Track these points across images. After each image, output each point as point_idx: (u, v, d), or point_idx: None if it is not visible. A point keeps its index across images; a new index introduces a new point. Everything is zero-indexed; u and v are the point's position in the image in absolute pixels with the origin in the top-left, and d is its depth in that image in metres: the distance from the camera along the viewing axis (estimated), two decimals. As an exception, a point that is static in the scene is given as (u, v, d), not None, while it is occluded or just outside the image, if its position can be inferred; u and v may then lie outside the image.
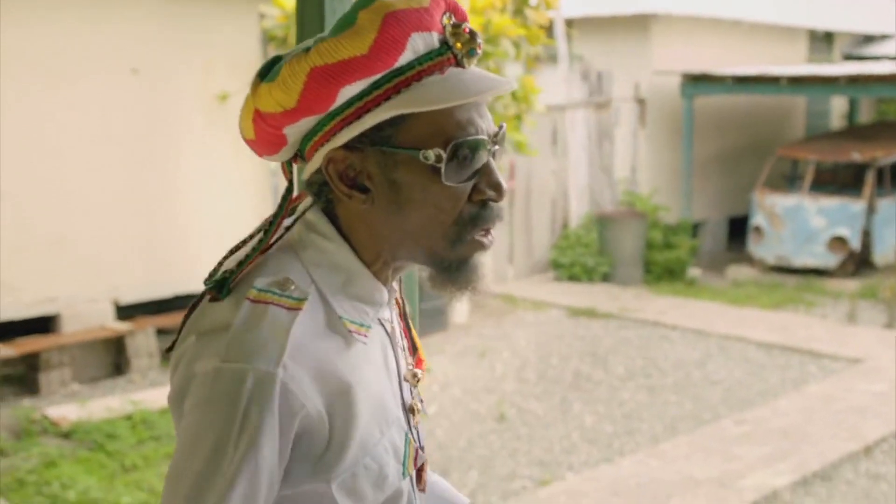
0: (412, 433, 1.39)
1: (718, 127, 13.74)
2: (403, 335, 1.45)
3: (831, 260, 11.76)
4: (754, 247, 12.31)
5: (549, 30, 10.91)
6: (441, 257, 1.29)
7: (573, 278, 11.66)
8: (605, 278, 11.70)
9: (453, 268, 1.29)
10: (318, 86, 1.22)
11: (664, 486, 5.83)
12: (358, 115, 1.24)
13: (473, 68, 1.27)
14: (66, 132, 7.80)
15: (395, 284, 1.40)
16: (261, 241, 1.31)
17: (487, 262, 1.39)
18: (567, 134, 12.00)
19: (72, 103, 7.82)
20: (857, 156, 11.95)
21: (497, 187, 1.28)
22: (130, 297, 8.24)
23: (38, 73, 7.58)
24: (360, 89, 1.23)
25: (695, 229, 13.05)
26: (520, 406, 7.34)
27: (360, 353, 1.28)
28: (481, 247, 1.29)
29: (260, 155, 1.39)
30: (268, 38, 8.82)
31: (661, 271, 11.79)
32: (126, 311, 8.27)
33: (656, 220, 12.16)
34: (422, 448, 1.42)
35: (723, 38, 13.75)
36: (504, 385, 7.86)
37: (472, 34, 1.26)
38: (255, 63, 8.84)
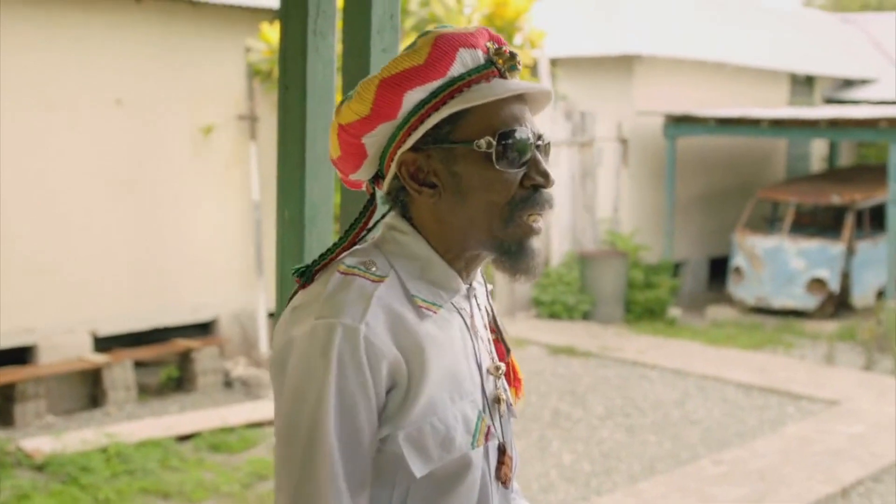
0: (490, 417, 1.51)
1: (700, 168, 13.83)
2: (490, 333, 1.61)
3: (810, 301, 11.81)
4: (734, 287, 12.36)
5: (533, 69, 11.00)
6: (499, 239, 1.46)
7: (554, 316, 11.67)
8: (586, 316, 11.72)
9: (511, 249, 1.47)
10: (387, 93, 1.44)
11: (641, 526, 5.81)
12: (421, 120, 1.45)
13: (515, 79, 1.49)
14: (49, 162, 7.79)
15: (478, 285, 1.60)
16: (342, 238, 1.52)
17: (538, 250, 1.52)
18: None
19: (55, 133, 7.81)
20: (836, 198, 12.04)
21: (545, 175, 1.46)
22: (109, 328, 8.19)
23: (21, 101, 7.58)
24: (422, 97, 1.45)
25: (676, 269, 13.09)
26: (498, 444, 7.30)
27: (433, 326, 1.44)
28: (531, 230, 1.47)
29: (346, 175, 1.57)
30: (253, 71, 8.87)
31: (642, 310, 11.82)
32: (104, 343, 8.22)
33: (637, 260, 12.20)
34: (506, 445, 1.53)
35: (705, 79, 13.87)
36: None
37: (512, 55, 1.48)
38: (241, 97, 8.88)
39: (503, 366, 1.58)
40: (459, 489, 1.45)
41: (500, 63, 1.47)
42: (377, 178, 1.54)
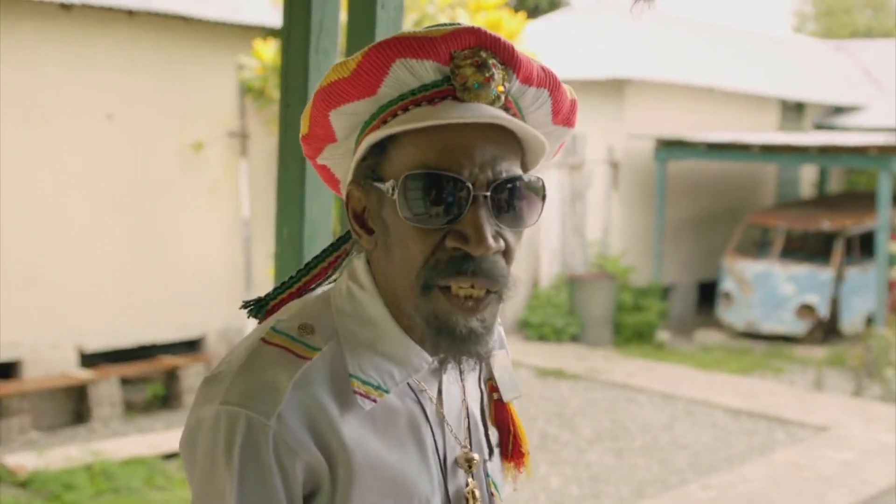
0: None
1: (690, 192, 13.86)
2: (469, 416, 1.30)
3: (799, 327, 11.81)
4: (723, 312, 12.36)
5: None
6: (420, 310, 1.15)
7: (543, 338, 11.65)
8: (575, 339, 11.70)
9: (435, 327, 1.14)
10: (315, 111, 1.20)
11: (630, 551, 5.78)
12: (357, 147, 1.19)
13: (475, 103, 1.14)
14: (39, 176, 7.75)
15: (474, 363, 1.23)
16: (306, 268, 1.29)
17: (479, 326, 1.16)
18: (540, 194, 12.03)
19: (45, 147, 7.78)
20: (826, 224, 12.07)
21: (476, 238, 1.11)
22: (95, 344, 8.13)
23: (12, 115, 7.54)
24: (354, 118, 1.18)
25: (665, 292, 13.09)
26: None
27: (369, 420, 1.17)
28: (456, 305, 1.13)
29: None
30: (245, 88, 8.85)
31: (631, 333, 11.81)
32: (90, 359, 8.16)
33: (627, 283, 12.20)
34: None
35: (696, 104, 13.92)
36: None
37: (485, 67, 1.13)
38: (232, 114, 8.85)
39: (476, 457, 1.27)
40: None
41: (459, 80, 1.13)
42: None
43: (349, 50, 2.04)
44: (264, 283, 8.75)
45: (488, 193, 1.12)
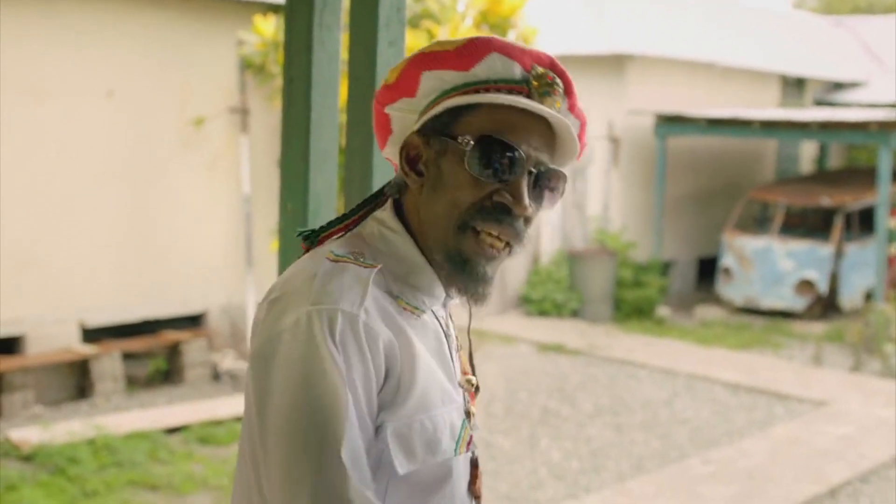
0: (469, 423, 1.46)
1: (690, 168, 13.85)
2: (460, 346, 1.55)
3: (799, 302, 11.84)
4: (723, 287, 12.39)
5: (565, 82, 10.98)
6: (448, 246, 1.39)
7: (543, 314, 11.68)
8: (575, 314, 11.73)
9: (458, 263, 1.40)
10: (411, 68, 1.44)
11: (630, 524, 5.82)
12: (433, 106, 1.42)
13: (541, 105, 1.39)
14: (40, 153, 7.75)
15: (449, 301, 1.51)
16: (345, 215, 1.50)
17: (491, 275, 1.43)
18: (541, 170, 12.03)
19: (46, 124, 7.78)
20: (826, 200, 12.07)
21: (517, 197, 1.38)
22: (98, 319, 8.16)
23: (12, 92, 7.53)
24: (441, 83, 1.42)
25: (665, 268, 13.11)
26: (487, 441, 7.32)
27: (416, 328, 1.39)
28: (483, 250, 1.39)
29: (381, 148, 1.56)
30: (245, 64, 8.83)
31: (631, 309, 11.84)
32: (92, 334, 8.19)
33: (627, 259, 12.22)
34: (475, 460, 1.50)
35: (697, 80, 13.89)
36: (472, 419, 7.82)
37: (554, 82, 1.41)
38: (232, 89, 8.85)
39: (475, 379, 1.52)
40: (437, 498, 1.39)
41: (534, 85, 1.40)
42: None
43: (352, 26, 2.05)
44: (265, 259, 8.77)
45: (534, 171, 1.41)
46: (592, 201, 12.78)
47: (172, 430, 7.05)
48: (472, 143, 1.37)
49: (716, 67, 13.82)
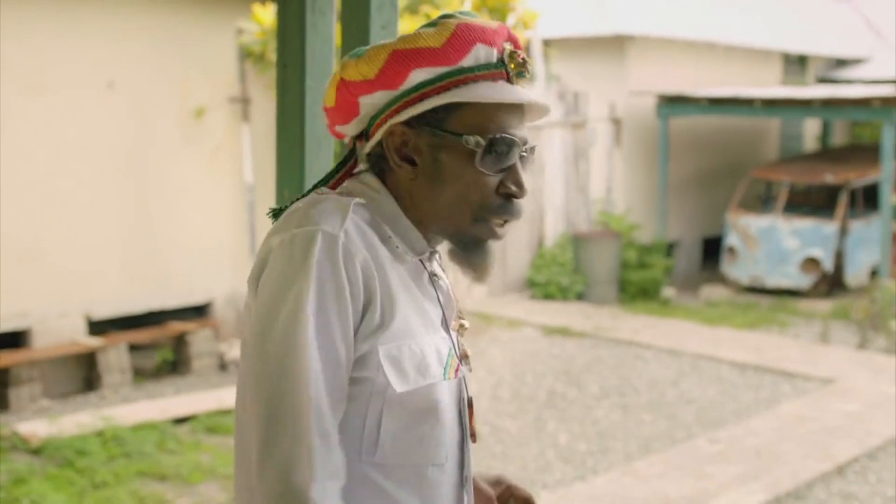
0: (458, 356, 1.55)
1: (693, 148, 13.82)
2: (454, 299, 1.63)
3: (804, 281, 11.83)
4: (728, 267, 12.37)
5: (526, 50, 10.95)
6: (462, 233, 1.50)
7: (548, 297, 11.68)
8: (580, 297, 11.73)
9: (470, 245, 1.50)
10: (395, 64, 1.46)
11: (638, 504, 5.83)
12: (421, 99, 1.47)
13: (517, 86, 1.51)
14: (42, 145, 7.75)
15: (437, 266, 1.61)
16: (321, 182, 1.57)
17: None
18: (543, 153, 12.03)
19: (47, 116, 7.78)
20: (830, 178, 12.05)
21: (520, 185, 1.49)
22: (103, 311, 8.17)
23: (12, 83, 7.53)
24: (428, 77, 1.46)
25: (669, 249, 13.10)
26: (494, 424, 7.33)
27: (398, 263, 1.47)
28: (495, 234, 1.50)
29: (332, 125, 1.60)
30: (245, 53, 8.82)
31: (636, 291, 11.83)
32: (98, 327, 8.21)
33: (631, 240, 12.21)
34: (470, 399, 1.57)
35: (698, 59, 13.85)
36: (478, 403, 7.84)
37: (524, 61, 1.51)
38: (232, 78, 8.84)
39: (467, 323, 1.62)
40: (432, 426, 1.46)
41: (511, 67, 1.49)
42: (361, 136, 1.56)
43: (345, 10, 2.04)
44: (269, 248, 8.76)
45: (524, 152, 1.51)
46: (595, 183, 12.76)
47: (180, 421, 7.07)
48: (482, 144, 1.45)
49: (717, 46, 13.77)
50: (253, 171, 8.91)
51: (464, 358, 1.57)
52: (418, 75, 1.46)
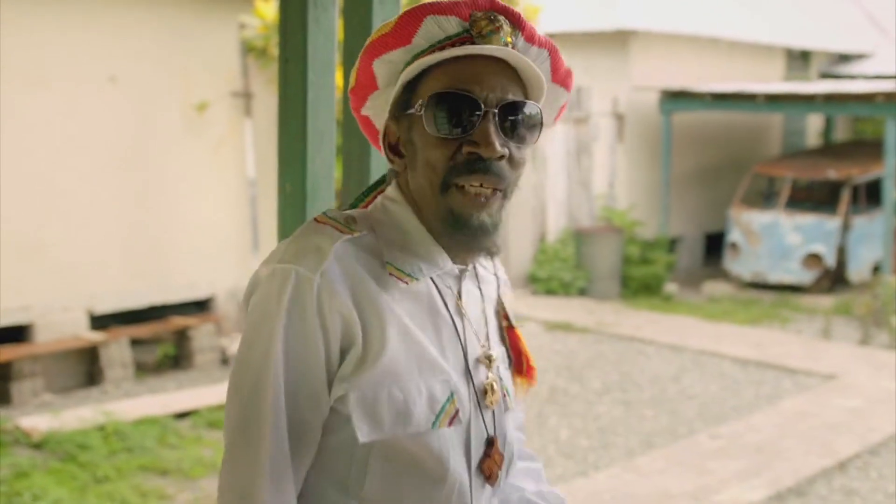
0: (478, 407, 1.44)
1: (696, 143, 13.80)
2: (503, 320, 1.56)
3: (806, 276, 11.82)
4: (730, 263, 12.36)
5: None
6: (440, 211, 1.39)
7: (550, 292, 11.67)
8: (582, 293, 11.72)
9: (452, 222, 1.39)
10: (362, 63, 1.45)
11: (639, 500, 5.83)
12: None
13: (488, 45, 1.37)
14: (44, 140, 7.75)
15: (483, 271, 1.54)
16: (352, 205, 1.54)
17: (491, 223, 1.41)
18: (546, 148, 12.02)
19: (49, 111, 7.77)
20: (832, 173, 12.03)
21: (486, 142, 1.35)
22: (105, 306, 8.17)
23: (13, 78, 7.52)
24: (393, 66, 1.42)
25: (672, 245, 13.09)
26: (496, 419, 7.32)
27: (400, 296, 1.39)
28: (470, 200, 1.37)
29: (377, 145, 1.54)
30: (247, 48, 8.81)
31: (638, 286, 11.82)
32: (100, 321, 8.21)
33: (633, 236, 12.20)
34: (496, 438, 1.46)
35: (701, 55, 13.83)
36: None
37: (496, 21, 1.38)
38: (235, 73, 8.83)
39: (495, 355, 1.49)
40: (422, 475, 1.38)
41: (476, 29, 1.38)
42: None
43: (347, 5, 2.04)
44: (271, 242, 8.76)
45: (496, 111, 1.37)
46: (598, 178, 12.75)
47: (182, 415, 7.07)
48: (423, 105, 1.37)
49: (720, 42, 13.75)
50: (255, 165, 8.90)
51: (484, 394, 1.45)
52: (380, 66, 1.43)
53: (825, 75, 16.55)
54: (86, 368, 7.96)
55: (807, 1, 17.52)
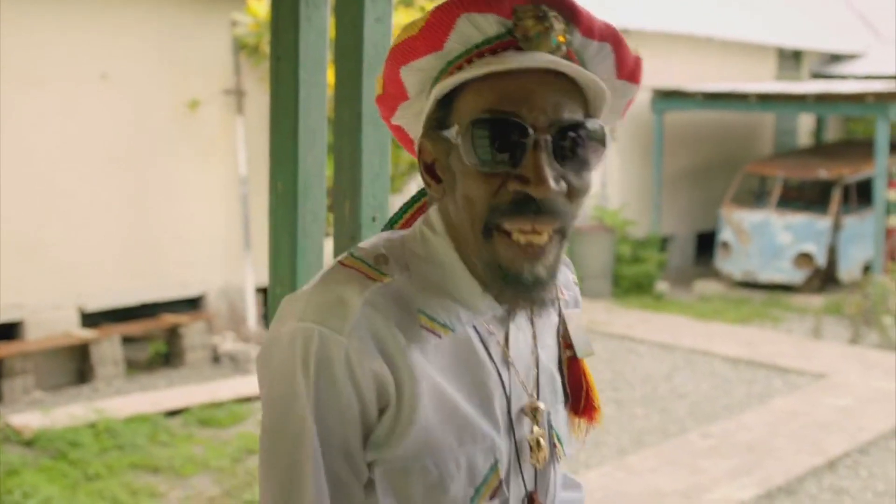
0: (518, 466, 1.26)
1: (688, 142, 13.82)
2: (539, 366, 1.32)
3: (797, 276, 11.85)
4: (721, 262, 12.39)
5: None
6: (482, 257, 1.18)
7: (542, 291, 11.67)
8: (574, 291, 11.71)
9: (496, 272, 1.17)
10: (388, 70, 1.25)
11: (631, 498, 5.84)
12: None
13: (536, 52, 1.16)
14: (35, 138, 7.73)
15: (556, 309, 1.35)
16: (391, 221, 1.37)
17: (541, 271, 1.19)
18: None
19: (41, 109, 7.76)
20: (823, 173, 12.06)
21: (536, 178, 1.12)
22: (96, 304, 8.16)
23: (5, 76, 7.51)
24: (423, 74, 1.22)
25: (663, 244, 13.10)
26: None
27: (435, 351, 1.19)
28: (516, 248, 1.15)
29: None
30: (239, 45, 8.80)
31: (630, 285, 11.84)
32: (91, 319, 8.19)
33: (625, 235, 12.21)
34: (538, 492, 1.29)
35: (693, 54, 13.84)
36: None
37: (546, 19, 1.16)
38: (227, 71, 8.81)
39: (542, 406, 1.28)
40: None
41: (520, 31, 1.15)
42: None
43: (339, 3, 2.04)
44: (263, 240, 8.73)
45: (549, 137, 1.14)
46: (590, 178, 12.73)
47: (173, 413, 7.07)
48: (459, 133, 1.16)
49: (712, 41, 13.77)
50: (247, 163, 8.89)
51: (531, 449, 1.27)
52: (408, 74, 1.22)
53: (817, 75, 16.59)
54: (77, 366, 7.95)
55: (798, 1, 17.56)
